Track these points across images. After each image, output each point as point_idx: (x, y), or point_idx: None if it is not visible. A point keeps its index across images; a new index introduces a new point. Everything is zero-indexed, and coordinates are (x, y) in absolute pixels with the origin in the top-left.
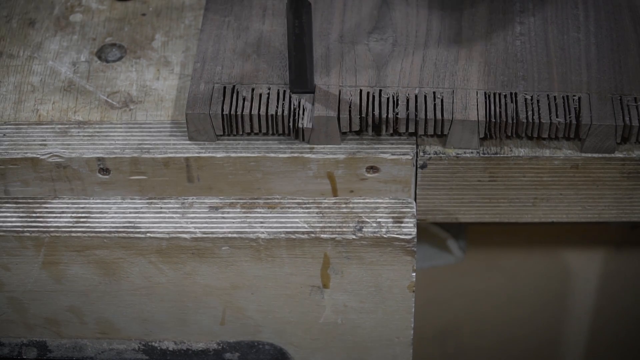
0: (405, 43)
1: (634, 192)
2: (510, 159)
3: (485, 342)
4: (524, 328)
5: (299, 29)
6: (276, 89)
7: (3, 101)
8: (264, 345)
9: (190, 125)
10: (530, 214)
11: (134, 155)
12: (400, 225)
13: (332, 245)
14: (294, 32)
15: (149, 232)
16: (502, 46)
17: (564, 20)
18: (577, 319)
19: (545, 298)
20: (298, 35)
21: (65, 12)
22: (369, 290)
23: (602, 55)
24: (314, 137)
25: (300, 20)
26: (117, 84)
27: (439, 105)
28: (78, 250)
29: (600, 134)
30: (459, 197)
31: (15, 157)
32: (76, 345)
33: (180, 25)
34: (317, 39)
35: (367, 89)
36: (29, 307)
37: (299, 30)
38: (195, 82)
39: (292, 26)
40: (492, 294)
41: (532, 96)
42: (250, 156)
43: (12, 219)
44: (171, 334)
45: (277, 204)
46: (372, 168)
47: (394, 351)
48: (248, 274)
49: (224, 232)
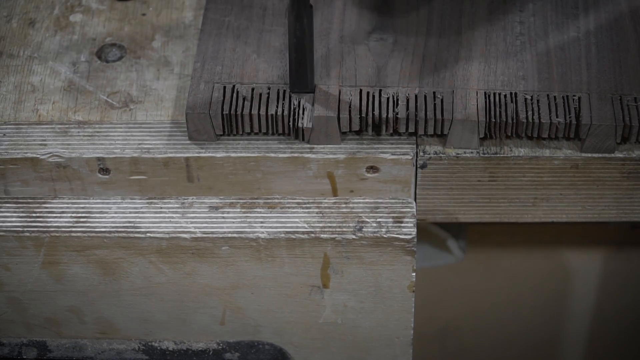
0: (405, 43)
1: (634, 192)
2: (510, 159)
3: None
4: (523, 327)
5: (300, 32)
6: (276, 88)
7: (3, 101)
8: (264, 345)
9: (190, 125)
10: (530, 214)
11: (134, 155)
12: (400, 225)
13: (332, 245)
14: (295, 34)
15: (149, 232)
16: (502, 46)
17: (564, 20)
18: (577, 319)
19: (545, 298)
20: (299, 38)
21: (65, 12)
22: (369, 290)
23: (602, 55)
24: (314, 137)
25: (301, 24)
26: (117, 84)
27: (439, 105)
28: (78, 250)
29: (600, 134)
30: (459, 197)
31: (15, 157)
32: (76, 345)
33: (180, 25)
34: (317, 39)
35: (367, 89)
36: (29, 307)
37: (300, 33)
38: (195, 82)
39: (293, 29)
40: (492, 294)
41: (532, 96)
42: (250, 156)
43: (12, 219)
44: (171, 334)
45: (277, 204)
46: (372, 168)
47: (394, 351)
48: (248, 274)
49: (224, 232)
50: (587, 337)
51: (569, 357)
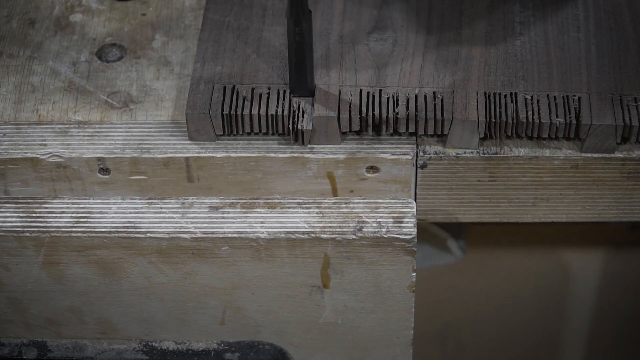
0: (405, 43)
1: (634, 192)
2: (510, 159)
3: (485, 342)
4: (524, 328)
5: (300, 37)
6: (276, 88)
7: (3, 101)
8: (264, 345)
9: (190, 125)
10: (530, 214)
11: (134, 155)
12: (401, 225)
13: (332, 245)
14: (294, 39)
15: (149, 232)
16: (502, 46)
17: (564, 20)
18: (577, 319)
19: (545, 298)
20: (298, 42)
21: (65, 12)
22: (369, 290)
23: (602, 55)
24: (314, 137)
25: (300, 28)
26: (117, 84)
27: (439, 105)
28: (78, 250)
29: (600, 134)
30: (459, 197)
31: (15, 157)
32: (76, 345)
33: (180, 25)
34: (317, 39)
35: (367, 89)
36: (29, 307)
37: (299, 38)
38: (195, 82)
39: (293, 33)
40: (492, 294)
41: (532, 96)
42: (250, 156)
43: (12, 219)
44: (171, 334)
45: (277, 204)
46: (372, 168)
47: (394, 351)
48: (248, 274)
49: (224, 232)
50: (587, 337)
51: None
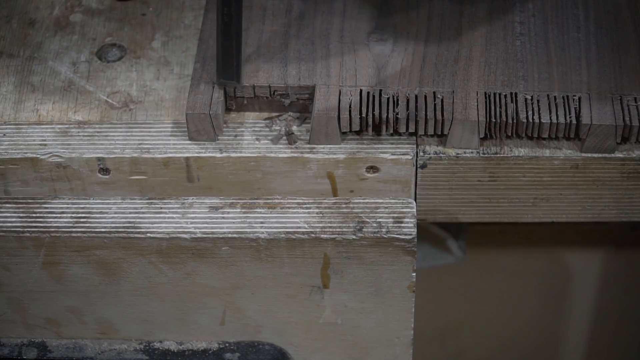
0: (405, 43)
1: (634, 192)
2: (510, 159)
3: (485, 342)
4: (524, 328)
5: (228, 17)
6: (276, 89)
7: (3, 101)
8: (264, 345)
9: (190, 125)
10: (530, 214)
11: (134, 155)
12: (401, 225)
13: (332, 245)
14: (222, 19)
15: (149, 232)
16: (502, 46)
17: (564, 20)
18: (577, 319)
19: (545, 298)
20: (226, 23)
21: (65, 12)
22: (369, 291)
23: (602, 55)
24: (314, 137)
25: (229, 8)
26: (117, 84)
27: (439, 105)
28: (78, 250)
29: (600, 134)
30: (459, 197)
31: (15, 157)
32: (76, 345)
33: (180, 25)
34: (317, 39)
35: (367, 89)
36: (29, 307)
37: (227, 18)
38: (195, 82)
39: (221, 13)
40: (492, 294)
41: (532, 96)
42: (250, 156)
43: (12, 219)
44: (171, 334)
45: (277, 204)
46: (372, 168)
47: (394, 351)
48: (248, 274)
49: (224, 232)
50: (587, 337)
51: (569, 357)
